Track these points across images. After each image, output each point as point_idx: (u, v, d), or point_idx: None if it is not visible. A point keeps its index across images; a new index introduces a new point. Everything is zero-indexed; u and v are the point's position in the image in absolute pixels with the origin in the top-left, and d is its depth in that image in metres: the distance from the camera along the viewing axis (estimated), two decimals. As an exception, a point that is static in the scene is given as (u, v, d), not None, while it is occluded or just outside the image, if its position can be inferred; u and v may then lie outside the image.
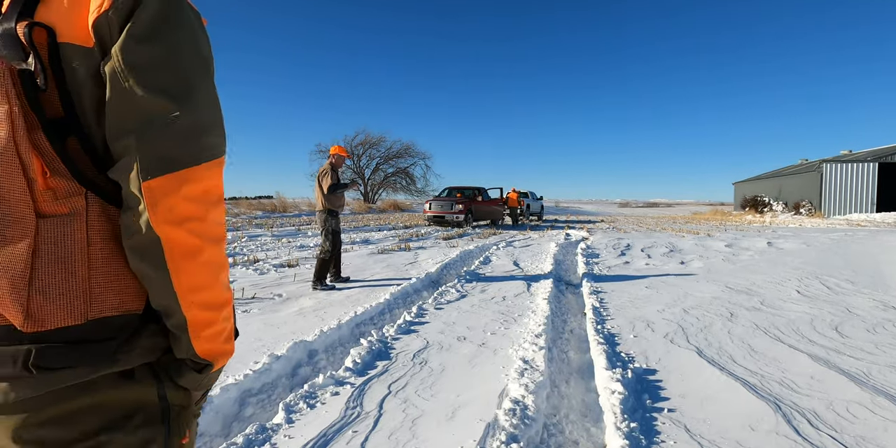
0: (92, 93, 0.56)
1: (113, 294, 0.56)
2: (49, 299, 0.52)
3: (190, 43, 0.59)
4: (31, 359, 0.50)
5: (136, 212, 0.55)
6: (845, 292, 4.61)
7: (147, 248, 0.55)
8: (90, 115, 0.56)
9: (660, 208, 78.01)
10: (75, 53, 0.55)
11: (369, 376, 2.50)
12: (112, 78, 0.54)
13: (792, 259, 7.10)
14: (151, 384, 0.60)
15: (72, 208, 0.54)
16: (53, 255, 0.53)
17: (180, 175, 0.56)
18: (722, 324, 3.48)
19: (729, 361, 2.69)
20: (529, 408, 2.08)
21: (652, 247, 8.81)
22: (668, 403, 2.17)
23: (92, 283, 0.54)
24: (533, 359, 2.69)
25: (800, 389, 2.31)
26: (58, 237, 0.53)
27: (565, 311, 4.18)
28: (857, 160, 25.03)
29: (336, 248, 5.13)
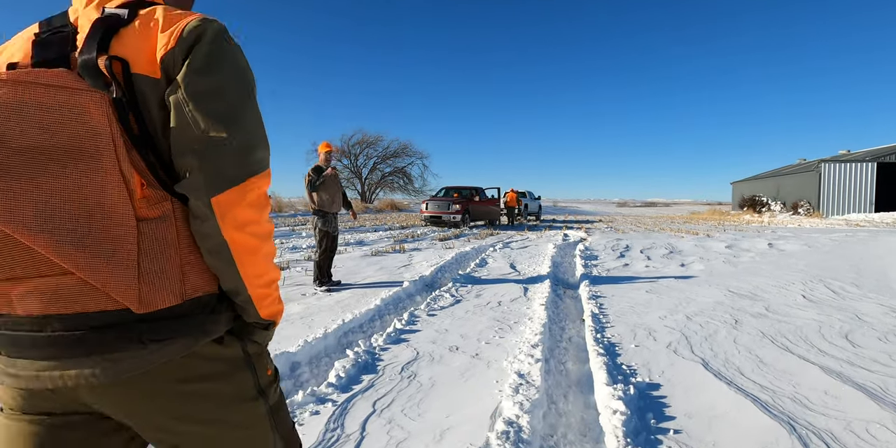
0: (158, 115, 0.67)
1: (199, 278, 0.70)
2: (155, 286, 0.63)
3: (236, 74, 0.71)
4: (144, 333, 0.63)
5: (206, 221, 0.67)
6: (852, 297, 4.47)
7: (219, 250, 0.69)
8: (158, 133, 0.68)
9: (658, 208, 78.04)
10: (145, 83, 0.66)
11: (353, 392, 2.34)
12: (176, 104, 0.66)
13: (794, 261, 6.97)
14: (235, 343, 0.76)
15: (162, 212, 0.66)
16: (153, 252, 0.64)
17: (240, 188, 0.69)
18: (727, 332, 3.33)
19: (737, 375, 2.54)
20: (524, 429, 1.92)
21: (651, 248, 8.66)
22: (673, 423, 2.02)
23: (184, 271, 0.68)
24: (529, 372, 2.53)
25: (814, 407, 2.16)
26: (155, 237, 0.65)
27: (563, 317, 4.02)
28: (856, 160, 24.95)
29: (321, 247, 4.96)
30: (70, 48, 0.68)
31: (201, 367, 0.70)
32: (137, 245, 0.63)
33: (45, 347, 0.62)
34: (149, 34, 0.67)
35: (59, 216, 0.59)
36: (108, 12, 0.68)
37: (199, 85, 0.66)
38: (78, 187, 0.60)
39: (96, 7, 0.70)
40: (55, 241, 0.58)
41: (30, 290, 0.61)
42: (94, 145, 0.61)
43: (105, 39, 0.65)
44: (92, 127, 0.61)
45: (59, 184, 0.59)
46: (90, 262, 0.59)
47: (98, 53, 0.63)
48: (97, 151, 0.61)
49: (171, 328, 0.65)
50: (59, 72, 0.62)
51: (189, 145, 0.66)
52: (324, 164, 5.04)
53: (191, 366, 0.69)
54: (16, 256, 0.60)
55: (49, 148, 0.59)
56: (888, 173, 25.21)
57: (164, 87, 0.67)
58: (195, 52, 0.67)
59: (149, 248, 0.64)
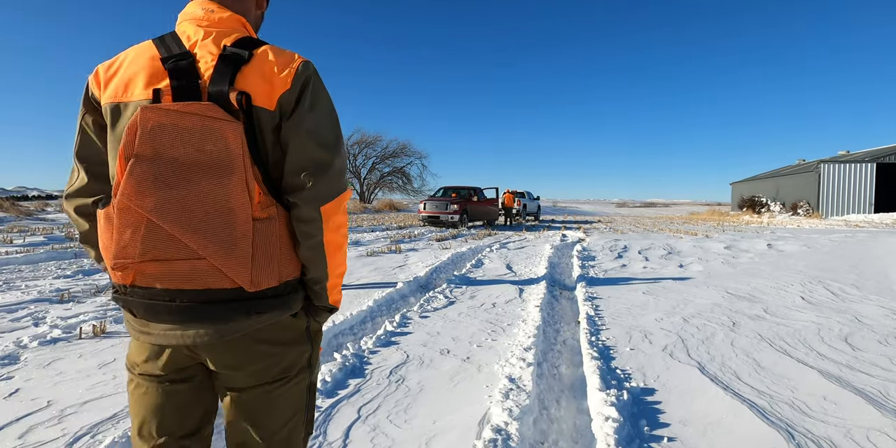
0: (270, 139, 0.85)
1: (289, 266, 0.89)
2: (263, 272, 0.82)
3: (331, 110, 0.92)
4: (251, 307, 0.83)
5: (312, 224, 0.86)
6: (851, 299, 4.40)
7: (317, 246, 0.89)
8: (270, 153, 0.86)
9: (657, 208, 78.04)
10: (264, 113, 0.83)
11: (339, 398, 2.27)
12: (293, 135, 0.85)
13: (794, 262, 6.90)
14: (304, 319, 0.96)
15: (269, 214, 0.84)
16: (263, 245, 0.83)
17: (338, 200, 0.89)
18: (724, 335, 3.26)
19: (733, 379, 2.47)
20: (513, 437, 1.86)
21: (649, 249, 8.60)
22: (667, 431, 1.95)
23: (280, 260, 0.86)
24: (520, 377, 2.46)
25: (813, 413, 2.09)
26: (264, 233, 0.83)
27: (558, 319, 3.95)
28: (855, 161, 24.91)
29: None
30: (196, 77, 0.83)
31: (277, 333, 0.91)
32: (253, 239, 0.82)
33: (174, 314, 0.82)
34: (266, 73, 0.85)
35: (201, 215, 0.78)
36: (231, 51, 0.84)
37: (310, 121, 0.87)
38: (216, 194, 0.78)
39: (214, 41, 0.86)
40: (197, 235, 0.77)
41: (170, 270, 0.80)
42: (229, 163, 0.79)
43: (231, 76, 0.82)
44: (229, 148, 0.79)
45: (203, 191, 0.78)
46: (219, 251, 0.78)
47: (227, 87, 0.81)
48: (231, 167, 0.79)
49: (269, 304, 0.86)
50: (208, 105, 0.79)
51: (303, 166, 0.86)
52: None
53: (271, 331, 0.90)
54: (161, 244, 0.78)
55: (198, 164, 0.78)
56: (887, 174, 25.16)
57: (277, 118, 0.86)
58: (305, 94, 0.87)
59: (260, 241, 0.83)
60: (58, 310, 3.84)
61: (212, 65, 0.83)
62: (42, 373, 2.53)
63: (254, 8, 1.00)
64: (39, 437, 1.85)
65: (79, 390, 2.30)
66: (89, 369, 2.58)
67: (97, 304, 4.05)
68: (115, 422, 1.98)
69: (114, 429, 1.92)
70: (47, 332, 3.22)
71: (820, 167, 24.96)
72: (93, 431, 1.90)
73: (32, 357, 2.76)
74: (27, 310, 3.83)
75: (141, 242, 0.78)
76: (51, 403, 2.15)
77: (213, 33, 0.87)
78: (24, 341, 3.00)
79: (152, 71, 0.84)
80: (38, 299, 4.19)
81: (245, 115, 0.82)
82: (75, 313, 3.73)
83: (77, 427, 1.93)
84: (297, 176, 0.86)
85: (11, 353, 2.81)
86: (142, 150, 0.76)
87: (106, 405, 2.14)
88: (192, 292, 0.80)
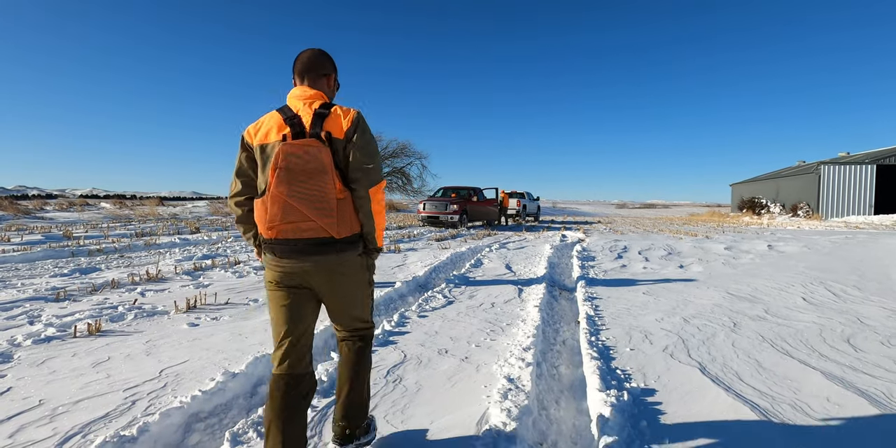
0: (341, 155, 1.50)
1: (355, 225, 1.52)
2: (343, 227, 1.47)
3: (372, 137, 1.57)
4: (338, 246, 1.48)
5: (365, 200, 1.51)
6: (853, 300, 4.37)
7: (368, 213, 1.53)
8: (342, 162, 1.50)
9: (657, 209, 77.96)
10: (338, 142, 1.49)
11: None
12: (353, 152, 1.50)
13: (794, 263, 6.87)
14: (364, 255, 1.60)
15: (344, 196, 1.49)
16: (342, 213, 1.47)
17: (378, 186, 1.54)
18: (725, 335, 3.23)
19: (735, 380, 2.44)
20: (512, 438, 1.82)
21: (649, 249, 8.57)
22: (668, 432, 1.92)
23: (351, 221, 1.50)
24: (519, 377, 2.43)
25: (816, 415, 2.06)
26: (342, 206, 1.47)
27: (558, 319, 3.92)
28: (855, 162, 24.89)
29: None
30: (303, 126, 1.50)
31: (351, 262, 1.55)
32: (337, 210, 1.45)
33: (295, 253, 1.46)
34: (338, 120, 1.51)
35: (313, 198, 1.42)
36: (318, 111, 1.52)
37: (361, 144, 1.52)
38: (318, 186, 1.42)
39: (308, 107, 1.54)
40: (310, 208, 1.42)
41: (295, 227, 1.43)
42: (323, 169, 1.42)
43: (321, 124, 1.50)
44: (323, 162, 1.43)
45: (313, 185, 1.41)
46: (321, 217, 1.43)
47: (319, 130, 1.49)
48: (325, 171, 1.42)
49: (346, 246, 1.50)
50: (311, 140, 1.45)
51: (358, 168, 1.51)
52: None
53: (348, 262, 1.54)
54: (291, 213, 1.42)
55: (309, 171, 1.41)
56: (888, 175, 25.14)
57: (345, 144, 1.50)
58: (358, 129, 1.52)
59: (340, 211, 1.46)
60: (53, 308, 3.81)
61: (309, 119, 1.52)
62: (35, 371, 2.49)
63: (327, 89, 1.69)
64: (30, 436, 1.82)
65: (72, 389, 2.27)
66: (83, 368, 2.55)
67: (93, 303, 4.02)
68: (107, 421, 1.95)
69: (105, 428, 1.89)
70: (42, 330, 3.19)
71: (820, 169, 24.94)
72: (84, 431, 1.87)
73: (26, 355, 2.73)
74: (22, 308, 3.80)
75: (281, 213, 1.43)
76: (42, 402, 2.12)
77: (308, 102, 1.57)
78: (17, 340, 2.97)
79: (279, 126, 1.53)
80: (34, 297, 4.15)
81: (329, 144, 1.49)
82: (71, 312, 3.69)
83: (69, 426, 1.90)
84: (355, 173, 1.52)
85: (5, 351, 2.78)
86: (282, 164, 1.42)
87: (98, 404, 2.11)
88: (305, 240, 1.46)
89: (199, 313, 3.74)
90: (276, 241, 1.46)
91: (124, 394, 2.22)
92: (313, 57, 1.64)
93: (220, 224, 14.02)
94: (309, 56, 1.64)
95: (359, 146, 1.50)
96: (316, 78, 1.64)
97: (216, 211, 21.31)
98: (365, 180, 1.50)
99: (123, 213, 18.30)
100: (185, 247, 8.37)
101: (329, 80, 1.69)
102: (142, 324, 3.44)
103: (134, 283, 4.92)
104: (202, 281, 5.11)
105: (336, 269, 1.51)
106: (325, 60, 1.67)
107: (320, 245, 1.46)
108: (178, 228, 12.06)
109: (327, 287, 1.55)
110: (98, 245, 8.08)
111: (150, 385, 2.33)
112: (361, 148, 1.51)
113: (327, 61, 1.67)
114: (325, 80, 1.67)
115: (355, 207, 1.52)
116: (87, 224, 13.40)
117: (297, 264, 1.47)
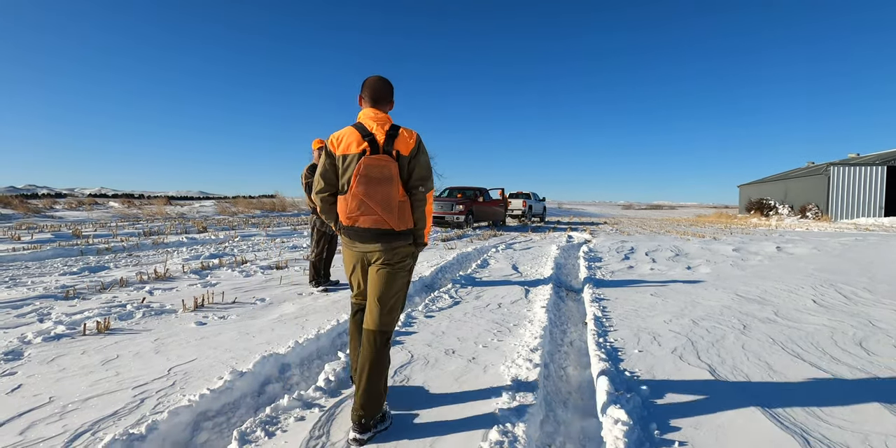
0: (406, 167, 1.95)
1: (409, 222, 1.97)
2: (402, 222, 1.93)
3: (427, 155, 2.05)
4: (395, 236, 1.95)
5: (422, 202, 1.99)
6: (864, 302, 4.32)
7: (422, 213, 2.01)
8: (405, 174, 1.96)
9: (663, 211, 77.52)
10: (403, 157, 1.95)
11: (342, 397, 2.24)
12: (416, 165, 1.98)
13: (804, 265, 6.80)
14: (412, 246, 2.05)
15: (404, 199, 1.94)
16: (401, 211, 1.92)
17: (431, 192, 2.04)
18: (735, 337, 3.20)
19: (746, 382, 2.41)
20: (520, 439, 1.81)
21: (657, 250, 8.52)
22: (679, 434, 1.90)
23: (407, 218, 1.95)
24: (527, 377, 2.42)
25: (828, 418, 2.03)
26: (402, 207, 1.93)
27: (565, 320, 3.90)
28: (866, 163, 24.61)
29: (319, 248, 4.87)
30: (377, 144, 1.92)
31: (402, 250, 1.98)
32: (398, 209, 1.90)
33: (366, 238, 1.94)
34: (405, 141, 1.95)
35: (382, 199, 1.87)
36: (389, 132, 1.94)
37: (422, 161, 1.99)
38: (387, 191, 1.87)
39: (381, 127, 1.94)
40: (379, 206, 1.87)
41: (368, 219, 1.90)
42: (392, 178, 1.88)
43: (392, 143, 1.93)
44: (392, 172, 1.88)
45: (383, 189, 1.87)
46: (386, 213, 1.88)
47: (391, 148, 1.92)
48: (393, 180, 1.88)
49: (402, 236, 1.95)
50: (384, 156, 1.89)
51: (419, 178, 1.97)
52: (317, 161, 4.93)
53: (399, 250, 1.97)
54: (366, 208, 1.88)
55: (381, 179, 1.87)
56: (898, 177, 24.83)
57: (409, 159, 1.94)
58: (419, 149, 1.99)
59: (400, 210, 1.90)
60: (63, 306, 3.84)
61: (383, 138, 1.93)
62: (45, 369, 2.51)
63: (388, 109, 2.10)
64: (40, 434, 1.83)
65: (81, 387, 2.28)
66: (92, 366, 2.56)
67: (102, 301, 4.05)
68: (116, 419, 1.96)
69: (115, 426, 1.90)
70: (51, 328, 3.22)
71: (829, 170, 24.69)
72: (94, 428, 1.88)
73: (36, 353, 2.75)
74: (32, 306, 3.83)
75: (358, 207, 1.88)
76: (52, 399, 2.13)
77: (379, 124, 1.97)
78: (28, 337, 2.99)
79: (358, 141, 1.93)
80: (44, 295, 4.19)
81: (397, 159, 1.92)
82: (80, 310, 3.72)
83: (78, 423, 1.91)
84: (416, 182, 1.97)
85: (15, 348, 2.80)
86: (363, 173, 1.86)
87: (108, 402, 2.12)
88: (374, 229, 1.91)
89: (206, 312, 3.76)
90: (352, 229, 1.95)
91: (133, 392, 2.23)
92: (384, 88, 2.05)
93: (226, 224, 14.09)
94: (380, 86, 2.04)
95: (420, 162, 1.98)
96: (384, 104, 2.06)
97: (223, 210, 21.42)
98: (423, 187, 1.97)
99: (132, 213, 18.45)
100: (192, 246, 8.42)
101: (391, 104, 2.10)
102: (150, 322, 3.46)
103: (142, 282, 4.95)
104: (209, 280, 5.13)
105: (391, 252, 1.96)
106: (390, 90, 2.09)
107: (383, 234, 1.92)
108: (186, 228, 12.14)
109: (381, 264, 1.98)
110: (107, 244, 8.14)
111: (159, 383, 2.34)
112: (422, 164, 1.98)
113: (391, 90, 2.09)
114: (389, 105, 2.09)
115: (412, 208, 1.96)
116: (96, 223, 13.52)
117: (366, 247, 1.97)
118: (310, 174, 4.82)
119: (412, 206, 1.96)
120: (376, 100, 2.03)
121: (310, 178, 4.81)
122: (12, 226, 11.73)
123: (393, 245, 1.94)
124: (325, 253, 4.93)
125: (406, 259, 2.01)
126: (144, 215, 17.75)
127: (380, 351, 1.91)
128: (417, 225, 2.00)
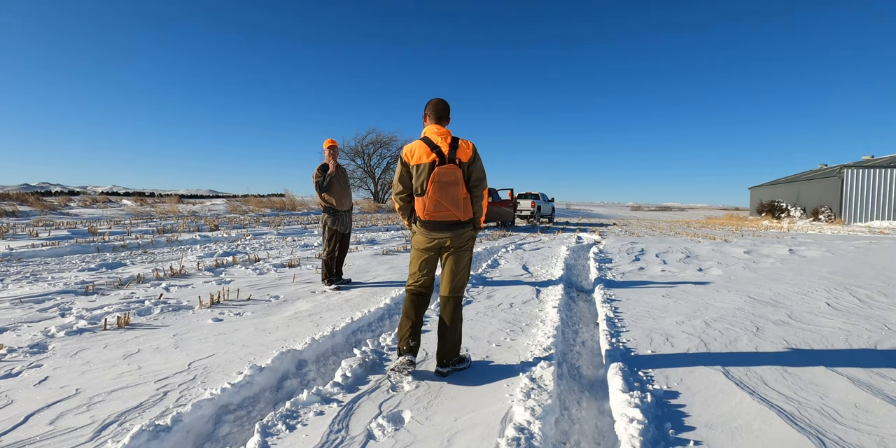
0: (466, 172, 2.51)
1: (470, 213, 2.55)
2: (467, 213, 2.52)
3: (481, 161, 2.60)
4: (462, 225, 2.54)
5: (480, 197, 2.57)
6: (879, 306, 4.28)
7: (480, 206, 2.59)
8: (466, 177, 2.52)
9: (673, 212, 76.89)
10: (463, 164, 2.49)
11: (359, 393, 2.28)
12: (473, 170, 2.52)
13: (817, 268, 6.74)
14: (473, 231, 2.64)
15: (467, 196, 2.52)
16: (465, 206, 2.50)
17: (486, 190, 2.65)
18: (748, 339, 3.20)
19: (760, 384, 2.42)
20: (536, 436, 1.84)
21: (667, 252, 8.48)
22: (693, 434, 1.91)
23: (469, 211, 2.53)
24: (541, 376, 2.44)
25: (844, 420, 2.03)
26: (466, 203, 2.51)
27: (576, 320, 3.91)
28: (880, 166, 24.25)
29: (331, 246, 4.91)
30: (444, 155, 2.45)
31: (467, 235, 2.58)
32: (463, 205, 2.49)
33: (440, 228, 2.50)
34: (464, 150, 2.49)
35: (452, 199, 2.45)
36: (452, 144, 2.48)
37: (478, 166, 2.55)
38: (456, 192, 2.45)
39: (444, 141, 2.48)
40: (451, 204, 2.46)
41: (441, 214, 2.47)
42: (458, 181, 2.45)
43: (454, 153, 2.47)
44: (458, 177, 2.44)
45: (453, 191, 2.45)
46: (455, 208, 2.47)
47: (454, 157, 2.46)
48: (459, 183, 2.46)
49: (467, 225, 2.55)
50: (451, 165, 2.44)
51: (477, 179, 2.54)
52: (328, 161, 4.98)
53: (465, 235, 2.57)
54: (440, 207, 2.45)
55: (450, 183, 2.44)
56: (914, 180, 24.42)
57: (468, 165, 2.50)
58: (475, 156, 2.53)
59: (464, 206, 2.50)
60: (83, 301, 3.93)
61: (447, 149, 2.45)
62: (70, 361, 2.58)
63: (447, 124, 2.59)
64: (69, 424, 1.89)
65: (105, 379, 2.34)
66: (115, 359, 2.63)
67: (120, 297, 4.13)
68: (141, 410, 2.02)
69: (140, 417, 1.95)
70: (73, 322, 3.29)
71: (843, 172, 24.36)
72: (120, 419, 1.94)
73: (60, 346, 2.82)
74: (54, 301, 3.92)
75: (434, 207, 2.44)
76: (79, 391, 2.20)
77: (443, 137, 2.48)
78: (51, 331, 3.07)
79: (427, 153, 2.45)
80: (64, 291, 4.28)
81: (459, 165, 2.45)
82: (100, 305, 3.80)
83: (105, 415, 1.97)
84: (475, 182, 2.51)
85: (40, 342, 2.88)
86: (436, 179, 2.41)
87: (132, 394, 2.17)
88: (447, 221, 2.48)
89: (222, 308, 3.82)
90: (431, 222, 2.48)
91: (156, 385, 2.29)
92: (444, 107, 2.59)
93: (238, 222, 14.23)
94: (441, 106, 2.58)
95: (476, 167, 2.52)
96: (445, 120, 2.60)
97: (234, 209, 21.62)
98: (480, 187, 2.54)
99: (144, 210, 18.69)
100: (205, 244, 8.52)
101: (449, 120, 2.63)
102: (168, 318, 3.53)
103: (158, 279, 5.04)
104: (224, 277, 5.20)
105: (460, 237, 2.54)
106: (448, 108, 2.61)
107: (454, 224, 2.49)
108: (198, 226, 12.28)
109: (454, 247, 2.54)
110: (122, 241, 8.27)
111: (180, 377, 2.40)
112: (478, 168, 2.53)
113: (448, 109, 2.62)
114: (447, 120, 2.62)
115: (472, 202, 2.53)
116: (110, 220, 13.72)
117: (441, 235, 2.50)
118: (320, 174, 4.88)
119: (472, 201, 2.53)
120: (439, 117, 2.57)
121: (320, 177, 4.87)
122: (30, 223, 11.95)
123: (460, 232, 2.51)
124: (336, 251, 4.98)
125: (469, 241, 2.61)
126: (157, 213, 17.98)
127: (455, 310, 2.54)
128: (476, 215, 2.57)
